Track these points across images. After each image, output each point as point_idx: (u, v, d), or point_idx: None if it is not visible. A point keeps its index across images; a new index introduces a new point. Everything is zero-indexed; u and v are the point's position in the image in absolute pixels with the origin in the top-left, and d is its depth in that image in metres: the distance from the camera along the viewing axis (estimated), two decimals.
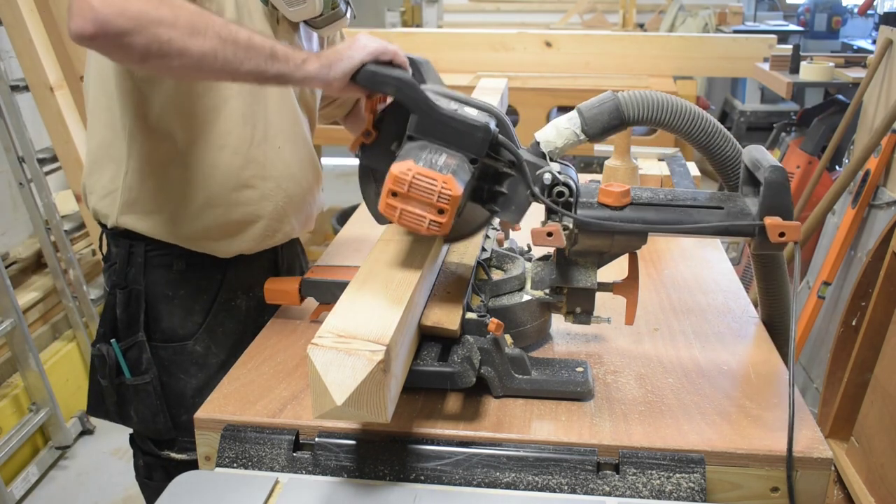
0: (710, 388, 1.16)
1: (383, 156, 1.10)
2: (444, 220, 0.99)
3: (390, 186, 0.99)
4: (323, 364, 0.88)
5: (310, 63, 1.14)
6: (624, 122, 1.15)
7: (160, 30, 1.06)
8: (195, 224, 1.42)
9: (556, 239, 1.08)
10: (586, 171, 4.79)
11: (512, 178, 1.12)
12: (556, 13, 6.40)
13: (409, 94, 1.09)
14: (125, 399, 1.52)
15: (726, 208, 1.11)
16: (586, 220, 1.09)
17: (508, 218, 1.14)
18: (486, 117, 1.09)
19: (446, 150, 1.05)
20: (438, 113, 1.07)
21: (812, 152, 3.46)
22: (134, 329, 1.48)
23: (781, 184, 1.06)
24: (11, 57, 2.84)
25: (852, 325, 2.37)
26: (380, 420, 0.90)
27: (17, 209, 3.04)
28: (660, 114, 1.14)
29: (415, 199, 0.99)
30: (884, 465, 1.94)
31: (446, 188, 0.98)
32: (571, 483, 1.00)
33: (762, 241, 1.08)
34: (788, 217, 1.06)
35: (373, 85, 1.13)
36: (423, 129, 1.07)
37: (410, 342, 1.06)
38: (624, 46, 3.88)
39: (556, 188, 1.09)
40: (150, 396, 1.49)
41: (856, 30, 5.51)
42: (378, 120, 1.16)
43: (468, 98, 1.13)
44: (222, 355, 1.50)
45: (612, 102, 1.14)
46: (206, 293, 1.50)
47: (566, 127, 1.14)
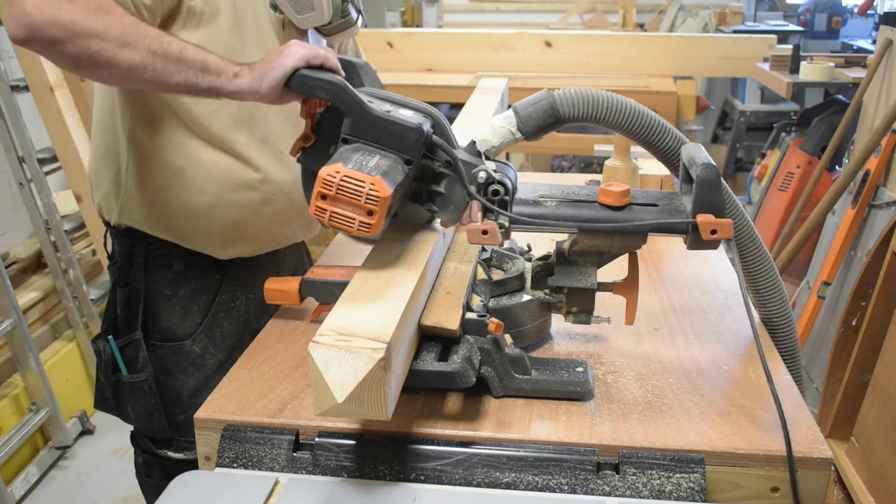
0: (710, 388, 1.16)
1: (323, 159, 1.11)
2: (373, 221, 1.01)
3: (319, 189, 1.01)
4: (324, 362, 0.88)
5: (241, 77, 1.16)
6: (559, 120, 1.15)
7: (90, 41, 1.08)
8: (194, 225, 1.42)
9: (491, 237, 1.08)
10: (586, 171, 4.79)
11: (449, 178, 1.13)
12: (556, 13, 6.39)
13: (341, 96, 1.10)
14: (122, 396, 1.53)
15: (661, 206, 1.12)
16: (519, 218, 1.10)
17: (447, 217, 1.16)
18: (421, 118, 1.11)
19: (380, 152, 1.07)
20: (371, 115, 1.08)
21: (812, 152, 3.46)
22: (132, 327, 1.48)
23: (713, 181, 1.07)
24: (11, 57, 2.84)
25: (852, 325, 2.37)
26: (380, 417, 0.90)
27: (17, 209, 3.05)
28: (596, 111, 1.14)
29: (343, 201, 1.00)
30: (884, 465, 1.94)
31: (374, 189, 0.99)
32: (571, 483, 1.00)
33: (695, 238, 1.08)
34: (720, 214, 1.07)
35: (305, 89, 1.15)
36: (357, 132, 1.09)
37: (411, 341, 1.06)
38: (624, 46, 3.88)
39: (491, 186, 1.10)
40: (146, 395, 1.49)
41: (856, 30, 5.50)
42: (317, 124, 1.17)
43: (404, 99, 1.14)
44: (220, 356, 1.51)
45: (547, 101, 1.14)
46: (206, 293, 1.50)
47: (502, 125, 1.15)
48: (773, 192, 3.59)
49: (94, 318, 3.04)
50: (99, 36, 1.08)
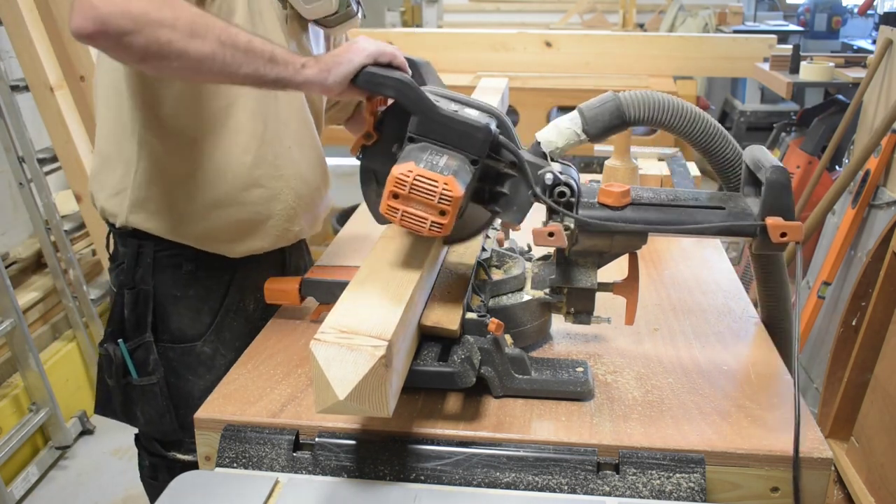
0: (710, 388, 1.16)
1: (384, 157, 1.10)
2: (445, 221, 1.00)
3: (392, 188, 0.99)
4: (325, 359, 0.89)
5: (309, 67, 1.15)
6: (625, 123, 1.15)
7: (160, 31, 1.07)
8: (205, 223, 1.42)
9: (557, 239, 1.08)
10: (586, 171, 4.78)
11: (513, 179, 1.11)
12: (556, 13, 6.39)
13: (409, 95, 1.09)
14: (132, 399, 1.52)
15: (728, 208, 1.11)
16: (588, 221, 1.09)
17: (510, 218, 1.14)
18: (487, 118, 1.09)
19: (447, 152, 1.05)
20: (439, 114, 1.07)
21: (812, 152, 3.46)
22: (141, 329, 1.48)
23: (783, 184, 1.06)
24: (11, 57, 2.84)
25: (852, 325, 2.37)
26: (381, 415, 0.91)
27: (17, 209, 3.04)
28: (661, 114, 1.14)
29: (416, 201, 0.99)
30: (884, 465, 1.94)
31: (447, 189, 0.98)
32: (571, 483, 1.00)
33: (763, 241, 1.08)
34: (790, 217, 1.06)
35: (372, 87, 1.13)
36: (424, 131, 1.07)
37: (411, 339, 1.06)
38: (624, 46, 3.88)
39: (557, 188, 1.09)
40: (157, 397, 1.49)
41: (856, 30, 5.51)
42: (379, 122, 1.16)
43: (469, 99, 1.13)
44: (230, 356, 1.50)
45: (613, 102, 1.14)
46: (215, 294, 1.50)
47: (567, 127, 1.14)
48: None
49: (94, 318, 3.04)
50: (168, 25, 1.07)
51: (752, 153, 1.13)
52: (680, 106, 1.14)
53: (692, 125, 1.15)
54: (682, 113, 1.14)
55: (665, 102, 1.14)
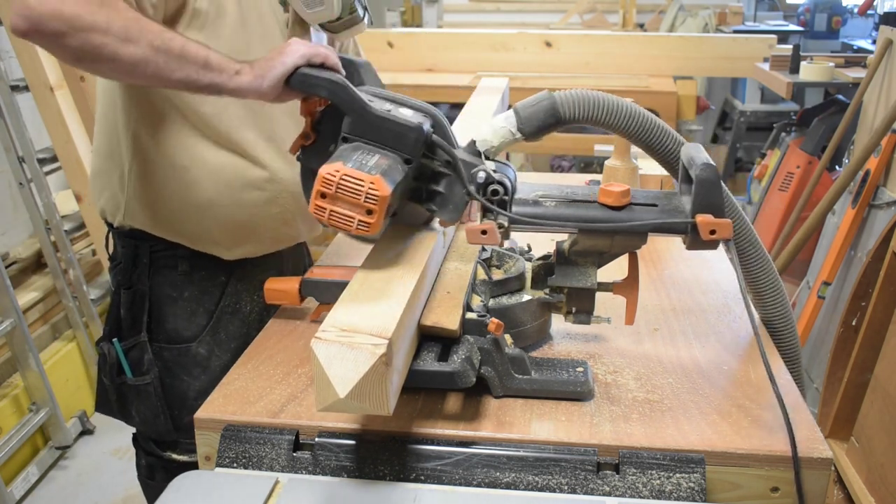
0: (710, 388, 1.16)
1: (323, 157, 1.10)
2: (372, 220, 1.01)
3: (318, 188, 1.01)
4: (326, 357, 0.89)
5: (243, 74, 1.15)
6: (560, 121, 1.15)
7: (92, 35, 1.08)
8: (199, 224, 1.42)
9: (490, 237, 1.08)
10: (586, 171, 4.79)
11: (449, 178, 1.13)
12: (556, 13, 6.39)
13: (342, 95, 1.10)
14: (126, 399, 1.52)
15: (660, 206, 1.12)
16: (519, 218, 1.10)
17: (446, 217, 1.15)
18: (421, 117, 1.11)
19: (380, 151, 1.07)
20: (371, 114, 1.08)
21: (812, 152, 3.46)
22: (137, 329, 1.48)
23: (712, 181, 1.07)
24: (11, 57, 2.84)
25: (852, 325, 2.37)
26: (382, 413, 0.91)
27: (17, 209, 3.05)
28: (596, 112, 1.14)
29: (343, 200, 1.00)
30: (884, 465, 1.94)
31: (373, 189, 0.99)
32: (571, 483, 1.00)
33: (694, 238, 1.08)
34: (720, 214, 1.07)
35: (306, 88, 1.14)
36: (357, 130, 1.09)
37: (411, 338, 1.06)
38: (624, 46, 3.88)
39: (490, 186, 1.10)
40: (151, 397, 1.49)
41: (856, 30, 5.50)
42: (316, 122, 1.17)
43: (405, 98, 1.14)
44: (226, 358, 1.50)
45: (548, 101, 1.14)
46: (211, 295, 1.50)
47: (502, 126, 1.15)
48: (773, 193, 3.59)
49: (95, 318, 3.04)
50: (101, 30, 1.08)
51: (687, 151, 1.14)
52: (616, 103, 1.14)
53: (629, 122, 1.15)
54: (619, 110, 1.14)
55: (600, 100, 1.14)
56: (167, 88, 1.26)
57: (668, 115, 3.42)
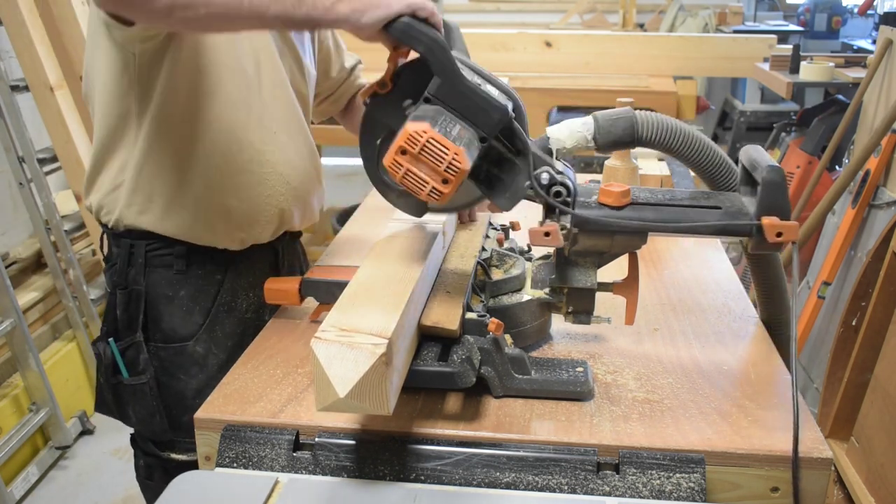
0: (710, 388, 1.16)
1: (393, 111, 1.08)
2: (446, 190, 0.97)
3: (402, 143, 0.97)
4: (326, 357, 0.89)
5: (341, 5, 1.09)
6: (635, 141, 1.15)
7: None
8: (194, 212, 1.42)
9: (553, 239, 1.07)
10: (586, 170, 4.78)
11: (513, 166, 1.10)
12: (556, 13, 6.39)
13: (439, 56, 1.05)
14: (123, 399, 1.52)
15: (724, 208, 1.11)
16: (586, 218, 1.09)
17: (500, 203, 1.12)
18: (506, 99, 1.07)
19: (461, 122, 1.03)
20: (463, 83, 1.04)
21: (812, 152, 3.47)
22: (133, 329, 1.48)
23: (779, 184, 1.06)
24: (11, 57, 2.84)
25: (852, 325, 2.37)
26: (382, 412, 0.91)
27: (17, 209, 3.05)
28: (672, 140, 1.14)
29: (423, 163, 0.97)
30: (884, 465, 1.94)
31: (457, 160, 0.96)
32: (571, 483, 1.00)
33: (759, 240, 1.08)
34: (786, 217, 1.07)
35: (405, 38, 1.08)
36: (444, 95, 1.04)
37: (411, 338, 1.06)
38: (624, 46, 3.88)
39: (553, 187, 1.09)
40: (147, 397, 1.49)
41: (856, 30, 5.51)
42: (396, 74, 1.12)
43: (491, 75, 1.10)
44: (223, 356, 1.51)
45: (628, 119, 1.14)
46: (207, 294, 1.50)
47: (579, 130, 1.14)
48: None
49: (94, 318, 3.04)
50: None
51: (749, 153, 1.13)
52: (691, 134, 1.15)
53: (699, 154, 1.16)
54: (692, 142, 1.15)
55: (678, 129, 1.14)
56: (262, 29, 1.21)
57: (668, 115, 3.41)
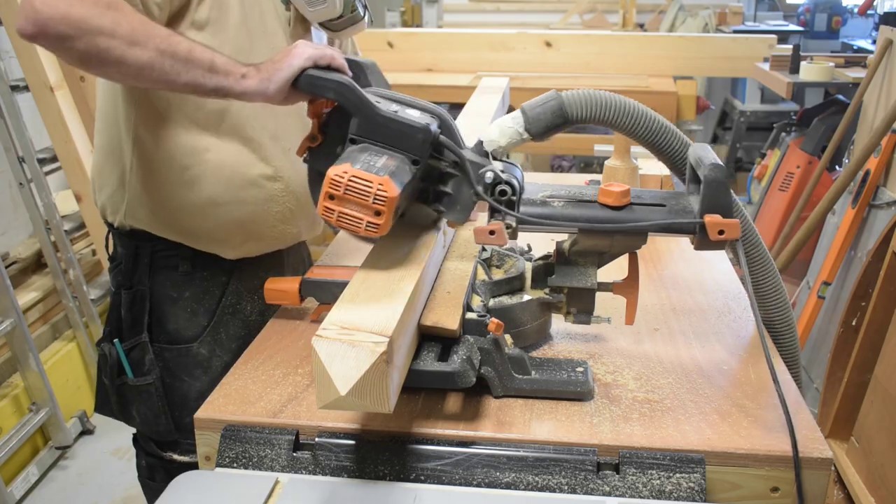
0: (710, 388, 1.16)
1: (330, 159, 1.10)
2: (381, 221, 1.01)
3: (326, 189, 1.01)
4: (327, 355, 0.89)
5: (249, 78, 1.15)
6: (567, 121, 1.15)
7: (99, 38, 1.08)
8: (200, 222, 1.42)
9: (498, 237, 1.08)
10: (586, 170, 4.79)
11: (456, 178, 1.13)
12: (556, 13, 6.39)
13: (348, 96, 1.10)
14: (127, 399, 1.52)
15: (668, 206, 1.12)
16: (527, 219, 1.10)
17: (454, 218, 1.15)
18: (429, 118, 1.10)
19: (388, 152, 1.07)
20: (378, 115, 1.08)
21: (812, 152, 3.46)
22: (138, 329, 1.48)
23: (720, 182, 1.07)
24: (11, 57, 2.84)
25: (852, 325, 2.37)
26: (382, 410, 0.91)
27: (17, 209, 3.04)
28: (604, 112, 1.14)
29: (351, 201, 1.00)
30: (884, 465, 1.94)
31: (382, 190, 0.99)
32: (571, 483, 1.00)
33: (703, 238, 1.09)
34: (728, 215, 1.07)
35: (313, 90, 1.14)
36: (365, 132, 1.09)
37: (411, 337, 1.06)
38: (624, 46, 3.88)
39: (498, 187, 1.10)
40: (152, 398, 1.49)
41: (856, 30, 5.50)
42: (324, 124, 1.17)
43: (412, 100, 1.14)
44: (226, 358, 1.50)
45: (555, 101, 1.14)
46: (212, 295, 1.50)
47: (510, 126, 1.15)
48: (773, 192, 3.59)
49: (95, 318, 3.04)
50: (108, 33, 1.08)
51: (696, 151, 1.14)
52: (623, 104, 1.14)
53: (636, 122, 1.15)
54: (626, 111, 1.14)
55: (608, 101, 1.14)
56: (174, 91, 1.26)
57: (668, 115, 3.42)
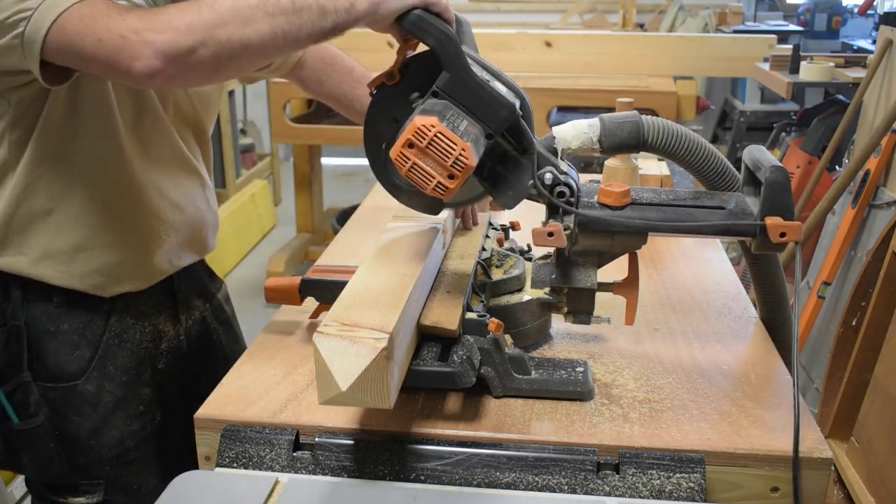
0: (710, 388, 1.16)
1: (400, 103, 1.08)
2: (452, 185, 0.97)
3: (410, 136, 0.96)
4: (328, 351, 0.90)
5: (359, 3, 1.08)
6: (640, 145, 1.14)
7: (217, 32, 1.04)
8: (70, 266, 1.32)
9: (557, 239, 1.08)
10: (586, 170, 4.78)
11: (517, 164, 1.09)
12: (556, 13, 6.39)
13: (449, 51, 1.05)
14: (14, 447, 1.38)
15: (728, 208, 1.11)
16: (590, 218, 1.09)
17: (503, 202, 1.11)
18: (514, 97, 1.07)
19: (468, 118, 1.03)
20: (472, 79, 1.04)
21: (812, 152, 3.46)
22: (17, 369, 1.34)
23: (782, 184, 1.06)
24: None
25: (852, 325, 2.37)
26: (383, 406, 0.91)
27: None
28: (676, 146, 1.13)
29: (430, 157, 0.97)
30: (884, 465, 1.94)
31: (464, 156, 0.96)
32: (571, 483, 1.00)
33: (763, 241, 1.08)
34: (789, 217, 1.07)
35: (417, 31, 1.08)
36: (452, 90, 1.04)
37: (411, 334, 1.06)
38: (624, 46, 3.88)
39: (557, 188, 1.09)
40: (43, 440, 1.36)
41: (856, 30, 5.51)
42: (404, 65, 1.11)
43: (499, 72, 1.10)
44: (118, 392, 1.39)
45: (634, 122, 1.13)
46: (94, 326, 1.37)
47: (585, 132, 1.14)
48: None
49: None
50: (220, 24, 1.03)
51: (752, 153, 1.13)
52: (694, 140, 1.14)
53: (702, 160, 1.15)
54: (696, 148, 1.14)
55: (682, 135, 1.13)
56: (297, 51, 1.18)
57: (668, 115, 3.42)
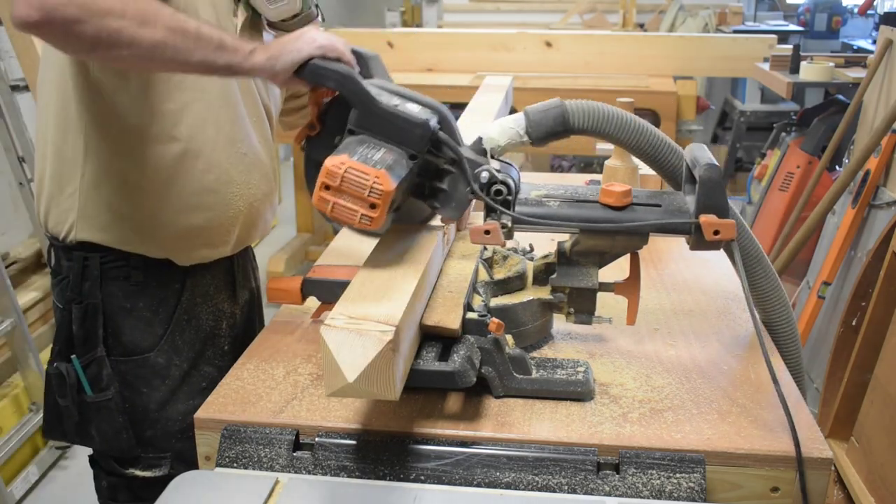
0: (710, 388, 1.16)
1: (327, 149, 1.10)
2: (375, 214, 1.01)
3: (323, 179, 1.01)
4: (336, 344, 0.90)
5: (257, 54, 1.14)
6: (568, 130, 1.16)
7: (108, 19, 1.05)
8: (157, 231, 1.37)
9: (494, 237, 1.09)
10: (586, 170, 4.79)
11: (452, 175, 1.13)
12: (556, 13, 6.39)
13: (350, 88, 1.10)
14: (87, 418, 1.45)
15: (664, 206, 1.12)
16: (523, 218, 1.10)
17: (448, 214, 1.16)
18: (429, 114, 1.10)
19: (385, 146, 1.07)
20: (378, 108, 1.08)
21: (812, 152, 3.46)
22: (92, 344, 1.41)
23: (716, 182, 1.07)
24: (11, 57, 2.84)
25: (852, 325, 2.37)
26: (389, 397, 0.92)
27: (17, 209, 3.04)
28: (605, 125, 1.15)
29: (347, 193, 1.01)
30: (884, 465, 1.94)
31: (378, 183, 1.00)
32: (571, 483, 1.00)
33: (698, 238, 1.09)
34: (724, 215, 1.07)
35: (316, 78, 1.14)
36: (364, 124, 1.09)
37: (415, 332, 1.07)
38: (624, 46, 3.88)
39: (493, 186, 1.10)
40: (113, 413, 1.43)
41: (856, 30, 5.51)
42: (322, 113, 1.17)
43: (413, 94, 1.14)
44: (184, 366, 1.46)
45: (558, 109, 1.15)
46: (166, 304, 1.44)
47: (511, 127, 1.15)
48: (773, 192, 3.59)
49: None
50: (117, 14, 1.05)
51: (691, 151, 1.14)
52: (624, 118, 1.15)
53: (637, 137, 1.16)
54: (627, 125, 1.15)
55: (610, 114, 1.14)
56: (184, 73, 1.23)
57: (668, 115, 3.42)
